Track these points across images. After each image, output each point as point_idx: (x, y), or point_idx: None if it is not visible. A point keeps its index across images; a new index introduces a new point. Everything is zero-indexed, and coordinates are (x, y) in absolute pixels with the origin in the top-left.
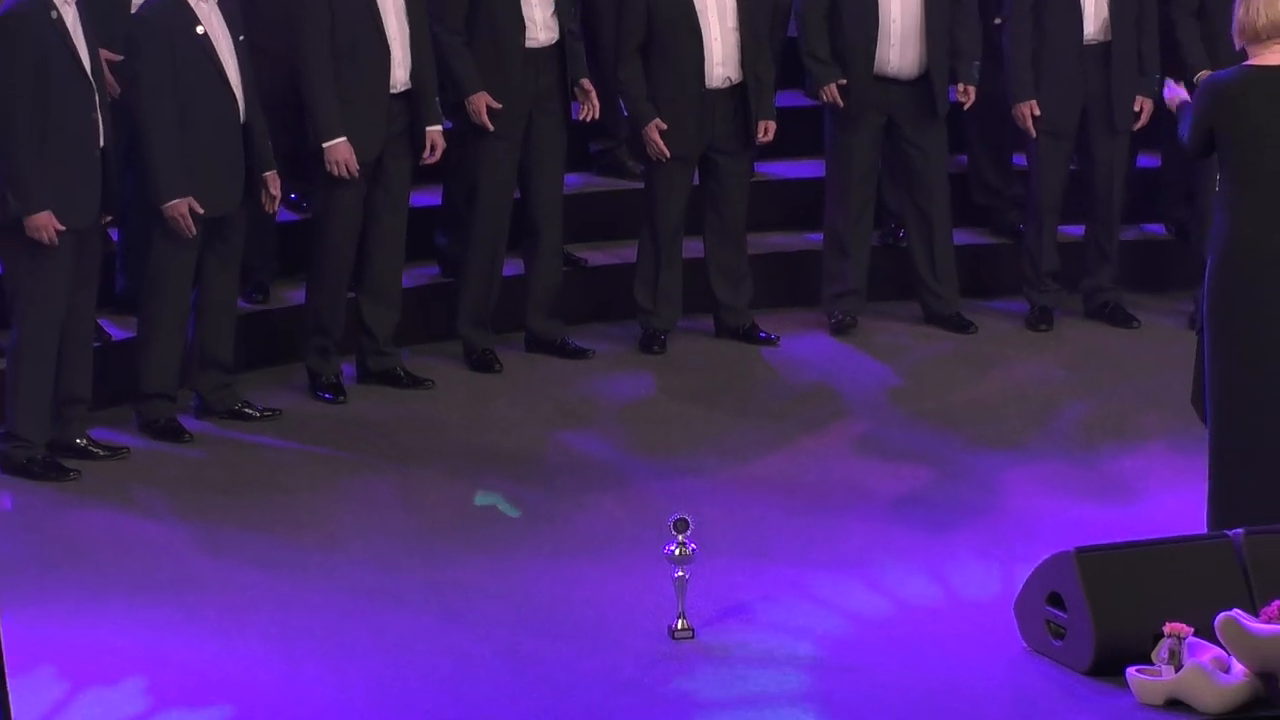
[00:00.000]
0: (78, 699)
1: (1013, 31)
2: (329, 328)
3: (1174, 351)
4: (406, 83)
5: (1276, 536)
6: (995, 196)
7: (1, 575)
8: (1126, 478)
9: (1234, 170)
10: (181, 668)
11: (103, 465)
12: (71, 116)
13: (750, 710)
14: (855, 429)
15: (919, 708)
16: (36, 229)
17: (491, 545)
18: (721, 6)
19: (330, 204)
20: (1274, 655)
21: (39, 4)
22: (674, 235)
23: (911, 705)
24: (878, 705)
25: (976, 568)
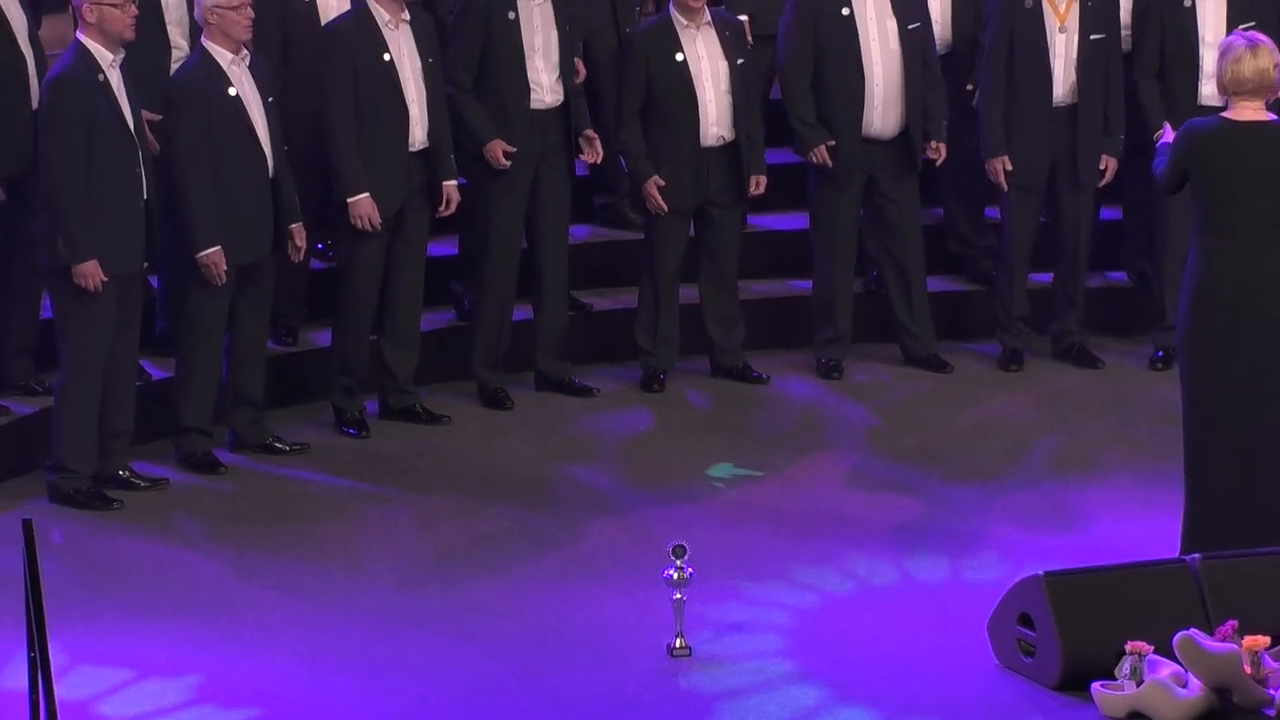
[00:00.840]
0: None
1: (987, 93)
2: (353, 368)
3: (1135, 391)
4: (424, 142)
5: (1230, 562)
6: (970, 247)
7: (50, 597)
8: (1091, 507)
9: (1205, 215)
10: (216, 680)
11: (144, 495)
12: (116, 171)
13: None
14: (840, 462)
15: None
16: (83, 276)
17: (503, 568)
18: (715, 71)
19: (354, 254)
20: (1228, 671)
21: (86, 68)
22: (672, 282)
23: (892, 717)
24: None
25: (953, 590)
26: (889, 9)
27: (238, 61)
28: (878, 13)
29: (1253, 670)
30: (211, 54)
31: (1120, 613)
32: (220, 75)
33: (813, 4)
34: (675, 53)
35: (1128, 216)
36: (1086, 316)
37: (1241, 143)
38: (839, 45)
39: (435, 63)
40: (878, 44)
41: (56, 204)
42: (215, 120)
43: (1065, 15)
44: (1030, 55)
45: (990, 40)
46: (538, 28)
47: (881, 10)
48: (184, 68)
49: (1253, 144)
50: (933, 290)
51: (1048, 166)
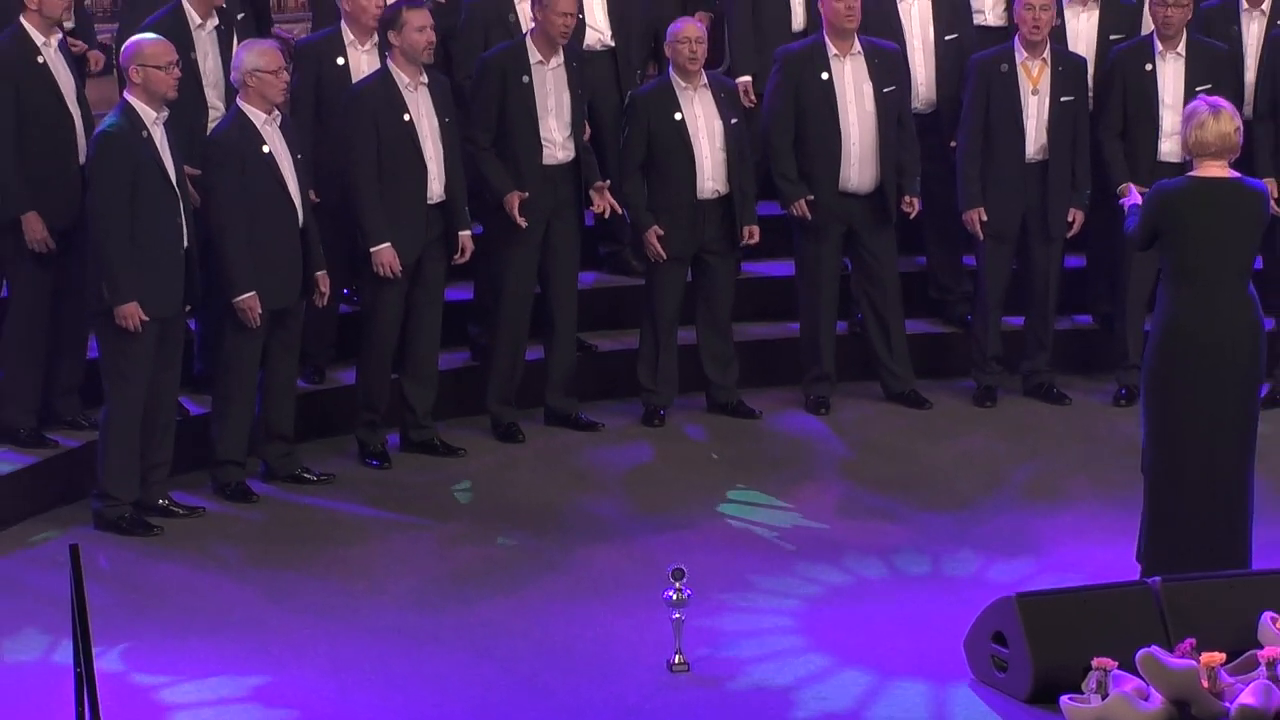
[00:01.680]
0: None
1: (964, 150)
2: (376, 404)
3: (1100, 425)
4: (441, 195)
5: (1189, 584)
6: (947, 292)
7: (95, 617)
8: (1059, 533)
9: (1173, 266)
10: (249, 694)
11: (182, 522)
12: (159, 221)
13: None
14: (827, 491)
15: None
16: (124, 317)
17: (514, 590)
18: (710, 130)
19: (377, 299)
20: (1187, 686)
21: (131, 124)
22: (671, 325)
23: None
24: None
25: (931, 610)
26: (865, 74)
27: (270, 121)
28: (855, 77)
29: (1209, 685)
30: (247, 114)
31: (1087, 631)
32: (255, 134)
33: (795, 69)
34: (674, 112)
35: (1092, 264)
36: (1055, 357)
37: (1208, 199)
38: (818, 107)
39: (451, 122)
40: (854, 106)
41: (101, 250)
42: (250, 176)
43: (1038, 79)
44: (1005, 116)
45: (968, 101)
46: (550, 90)
47: (858, 75)
48: (221, 127)
49: (1218, 200)
50: (913, 332)
51: (1020, 218)
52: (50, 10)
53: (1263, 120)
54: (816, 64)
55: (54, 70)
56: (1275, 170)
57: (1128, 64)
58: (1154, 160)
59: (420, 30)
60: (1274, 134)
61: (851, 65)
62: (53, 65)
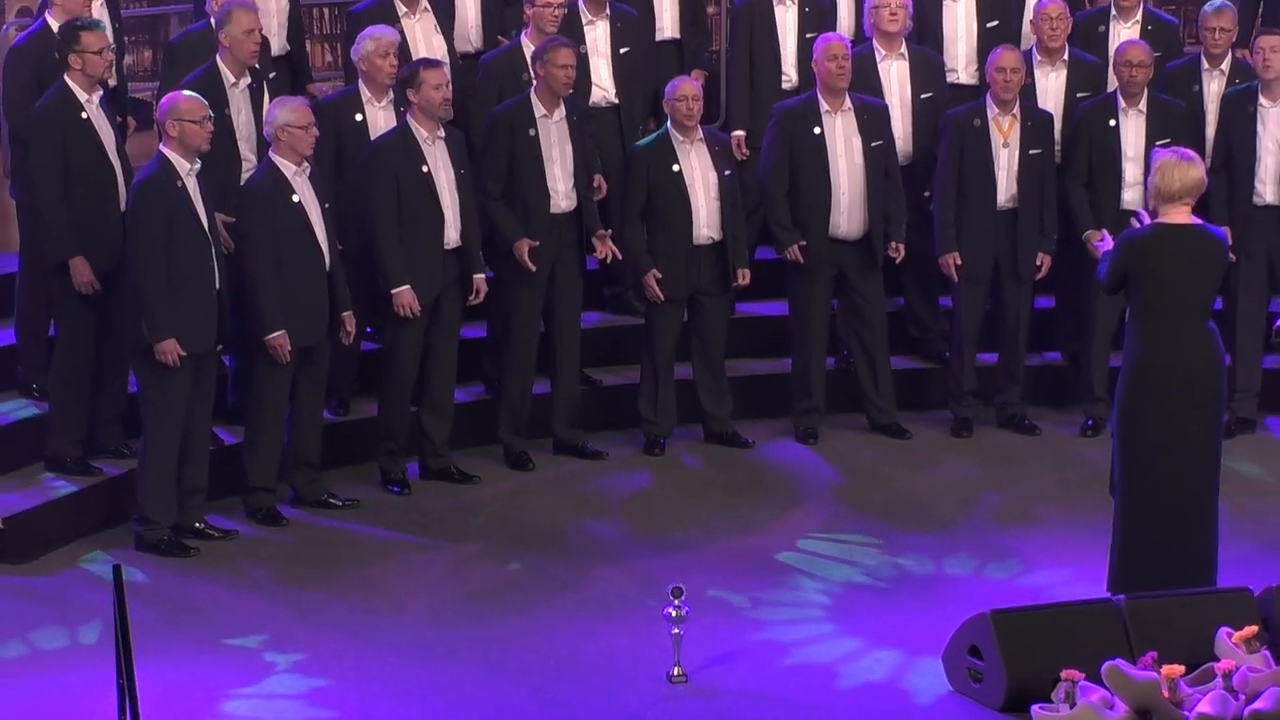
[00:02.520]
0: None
1: (940, 199)
2: (396, 434)
3: (1068, 454)
4: (457, 241)
5: (1151, 601)
6: (926, 331)
7: (136, 631)
8: (1031, 553)
9: (1141, 307)
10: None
11: (217, 544)
12: (193, 264)
13: None
14: (815, 515)
15: None
16: (163, 353)
17: (524, 608)
18: (706, 181)
19: (398, 337)
20: (1149, 696)
21: (167, 175)
22: (669, 361)
23: None
24: None
25: (913, 625)
26: (855, 128)
27: (300, 173)
28: (845, 132)
29: (1170, 695)
30: (278, 166)
31: (1056, 645)
32: (285, 185)
33: (789, 124)
34: (672, 164)
35: (1060, 305)
36: (1026, 390)
37: (1173, 244)
38: (811, 159)
39: (467, 173)
40: (844, 158)
41: (140, 291)
42: (280, 223)
43: (1008, 133)
44: (977, 167)
45: (943, 154)
46: (555, 142)
47: (848, 129)
48: (254, 177)
49: (1182, 245)
50: (894, 368)
51: (992, 262)
52: (93, 70)
53: (1218, 172)
54: (810, 119)
55: (96, 125)
56: (1230, 219)
57: (1093, 120)
58: (1117, 209)
59: (436, 88)
60: (1229, 188)
61: (842, 121)
62: (95, 121)
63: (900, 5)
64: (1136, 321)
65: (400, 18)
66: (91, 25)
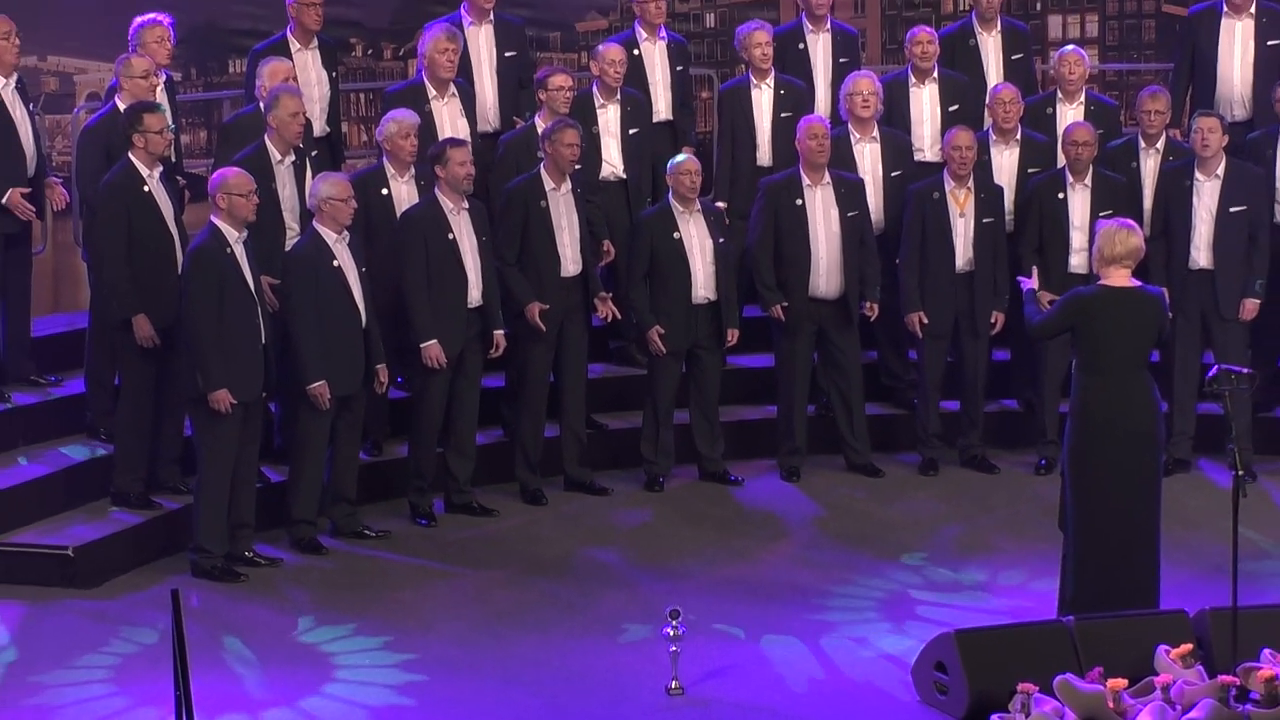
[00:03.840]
0: None
1: (905, 263)
2: (424, 473)
3: (1023, 490)
4: (479, 300)
5: (1098, 622)
6: (896, 380)
7: (191, 648)
8: (989, 580)
9: (1086, 360)
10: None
11: (263, 571)
12: (241, 322)
13: None
14: (798, 545)
15: None
16: (215, 401)
17: (539, 628)
18: (703, 247)
19: (425, 386)
20: (1095, 707)
21: (218, 242)
22: (668, 407)
23: None
24: None
25: (885, 643)
26: (833, 200)
27: (340, 240)
28: (824, 204)
29: (1114, 706)
30: (321, 234)
31: (1013, 661)
32: (327, 251)
33: (774, 197)
34: (673, 232)
35: (1014, 357)
36: (985, 434)
37: (1115, 304)
38: (793, 228)
39: (487, 240)
40: (823, 227)
41: (195, 346)
42: (322, 285)
43: (964, 205)
44: (937, 235)
45: (907, 223)
46: (563, 212)
47: (827, 201)
48: (299, 244)
49: (1123, 305)
50: (868, 414)
51: (952, 320)
52: (154, 148)
53: (1157, 239)
54: (792, 192)
55: (157, 198)
56: (1168, 280)
57: (1043, 192)
58: (1064, 272)
59: (461, 164)
60: (1168, 254)
61: (822, 193)
62: (156, 193)
63: (872, 93)
64: (1082, 373)
65: (430, 100)
66: (153, 108)
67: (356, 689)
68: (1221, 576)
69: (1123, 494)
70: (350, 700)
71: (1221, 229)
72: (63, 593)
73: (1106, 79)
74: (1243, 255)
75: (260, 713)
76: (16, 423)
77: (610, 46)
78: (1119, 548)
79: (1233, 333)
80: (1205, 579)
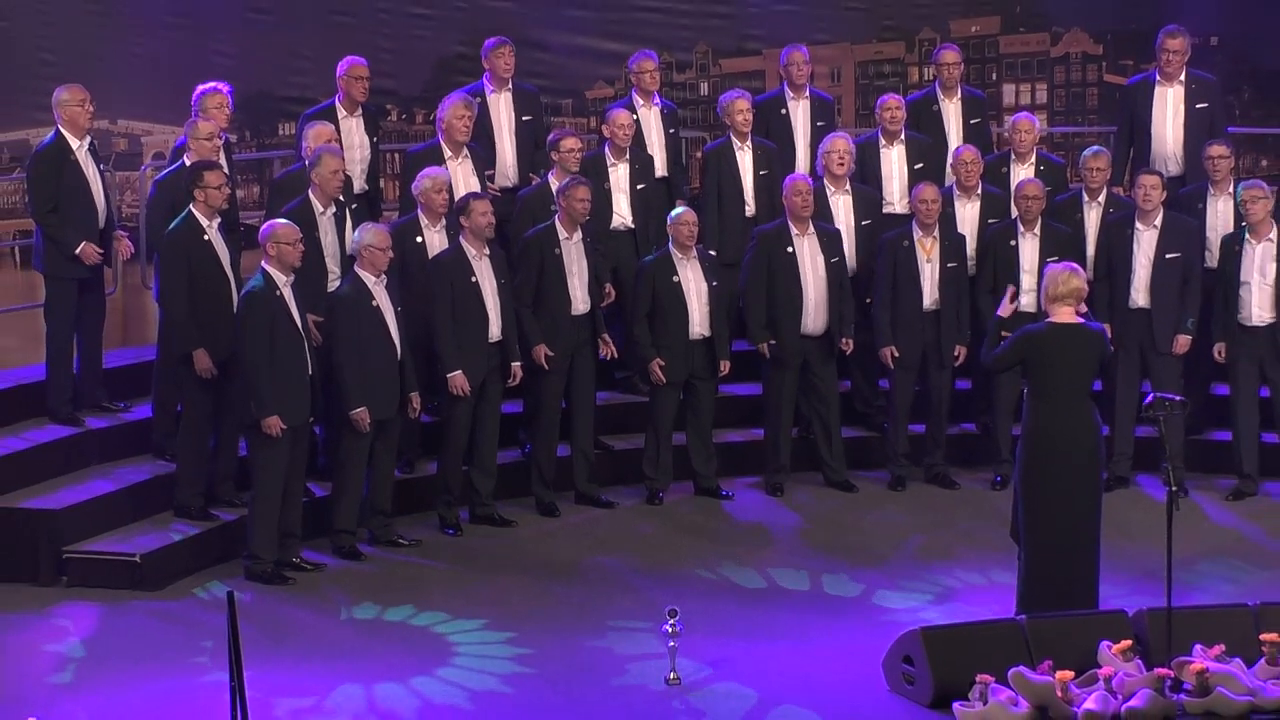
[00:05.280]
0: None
1: (878, 303)
2: (451, 488)
3: (981, 504)
4: (499, 336)
5: (1047, 620)
6: (869, 406)
7: (245, 644)
8: (951, 583)
9: (1034, 389)
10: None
11: (309, 575)
12: (290, 355)
13: None
14: (782, 553)
15: None
16: (267, 426)
17: (552, 624)
18: (699, 290)
19: (452, 412)
20: (1046, 696)
21: (268, 286)
22: (668, 431)
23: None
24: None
25: (859, 639)
26: (819, 248)
27: (378, 283)
28: (810, 251)
29: (1063, 695)
30: (361, 277)
31: (972, 655)
32: (366, 292)
33: (766, 245)
34: (672, 276)
35: (974, 386)
36: (947, 454)
37: (1061, 339)
38: (783, 272)
39: (506, 282)
40: (810, 272)
41: (249, 377)
42: (362, 323)
43: (930, 251)
44: (907, 278)
45: (880, 268)
46: (574, 258)
47: (813, 249)
48: (342, 286)
49: (1069, 340)
50: (844, 436)
51: (920, 353)
52: (213, 202)
53: (1101, 281)
54: (783, 241)
55: (215, 246)
56: (1110, 318)
57: (998, 240)
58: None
59: (483, 215)
60: (1108, 292)
61: (809, 242)
62: (214, 242)
63: (846, 152)
64: (1032, 399)
65: (445, 160)
66: (212, 166)
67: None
68: (1157, 580)
69: (1068, 507)
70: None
71: (1158, 273)
72: (130, 594)
73: (1054, 140)
74: (1177, 296)
75: (307, 700)
76: (90, 444)
77: (619, 112)
78: (1065, 555)
79: (1167, 365)
80: (1142, 582)
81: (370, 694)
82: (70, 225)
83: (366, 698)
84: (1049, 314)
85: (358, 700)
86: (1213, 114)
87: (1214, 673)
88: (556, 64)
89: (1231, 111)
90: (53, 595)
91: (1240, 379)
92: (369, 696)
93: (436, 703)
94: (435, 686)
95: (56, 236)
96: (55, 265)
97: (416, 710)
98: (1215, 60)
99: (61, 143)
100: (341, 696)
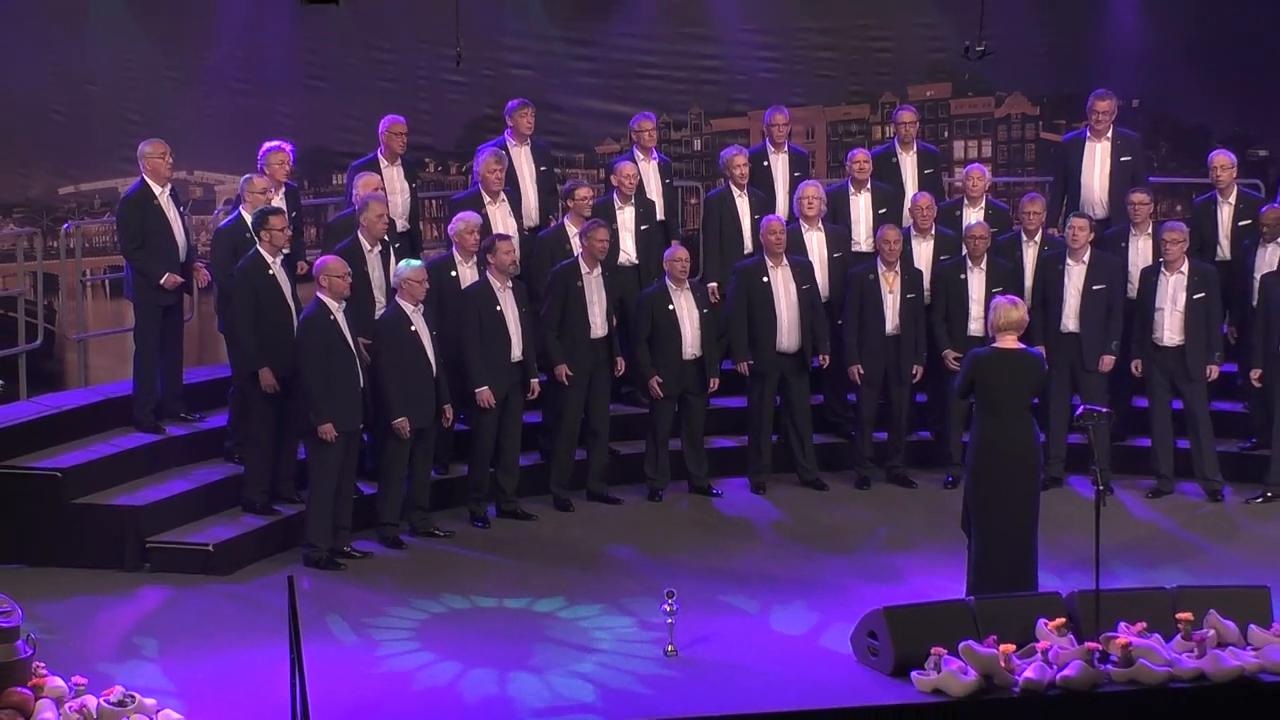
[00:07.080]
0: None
1: (848, 328)
2: (480, 487)
3: (935, 501)
4: (520, 357)
5: (993, 601)
6: (839, 417)
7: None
8: (910, 570)
9: (981, 403)
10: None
11: (358, 562)
12: (343, 372)
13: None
14: (765, 543)
15: (797, 688)
16: (323, 433)
17: (567, 605)
18: (691, 317)
19: (480, 421)
20: (991, 666)
21: (322, 313)
22: (665, 437)
23: (791, 687)
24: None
25: (830, 616)
26: (791, 278)
27: (416, 311)
28: (784, 280)
29: (1005, 665)
30: (401, 306)
31: (928, 630)
32: (405, 319)
33: (746, 276)
34: (669, 305)
35: (929, 399)
36: (906, 457)
37: (1004, 361)
38: (761, 299)
39: (527, 310)
40: (784, 297)
41: (308, 390)
42: (403, 345)
43: (892, 284)
44: (872, 306)
45: (848, 298)
46: (594, 289)
47: (787, 279)
48: (385, 313)
49: (1010, 362)
50: (816, 442)
51: (883, 371)
52: (277, 241)
53: (1037, 310)
54: (760, 272)
55: (279, 279)
56: (1045, 341)
57: (949, 275)
58: (965, 335)
59: (507, 253)
60: (1043, 318)
61: (783, 273)
62: (278, 276)
63: (817, 196)
64: (980, 413)
65: (485, 205)
66: (277, 212)
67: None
68: (1087, 566)
69: (1010, 504)
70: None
71: (1086, 302)
72: (204, 579)
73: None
74: (1102, 322)
75: (358, 669)
76: (170, 449)
77: (625, 164)
78: (1008, 545)
79: (1095, 381)
80: (1074, 568)
81: (404, 658)
82: (155, 259)
83: (400, 660)
84: (995, 340)
85: (393, 666)
86: (1135, 166)
87: (1137, 646)
88: (570, 123)
89: (1151, 164)
90: (137, 579)
91: (1156, 393)
92: (402, 660)
93: (462, 661)
94: (458, 657)
95: (144, 269)
96: (143, 294)
97: (441, 669)
98: (1137, 119)
99: (146, 189)
100: (382, 661)
